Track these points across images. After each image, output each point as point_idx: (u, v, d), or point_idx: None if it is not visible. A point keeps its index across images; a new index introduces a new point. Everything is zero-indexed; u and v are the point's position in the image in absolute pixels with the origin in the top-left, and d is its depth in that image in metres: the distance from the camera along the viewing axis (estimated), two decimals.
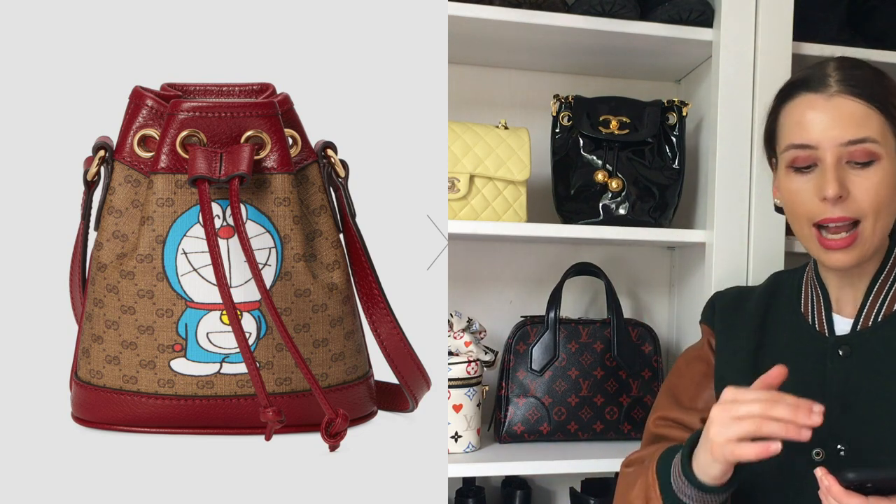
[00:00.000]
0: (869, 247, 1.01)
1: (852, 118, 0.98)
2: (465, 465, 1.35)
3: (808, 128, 1.00)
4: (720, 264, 1.42)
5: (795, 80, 1.05)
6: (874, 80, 1.01)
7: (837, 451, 1.00)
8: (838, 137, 0.98)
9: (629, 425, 1.47)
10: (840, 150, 0.99)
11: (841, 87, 0.99)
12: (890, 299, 1.04)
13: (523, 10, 1.39)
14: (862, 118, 0.98)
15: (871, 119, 0.99)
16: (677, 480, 0.97)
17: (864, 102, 0.99)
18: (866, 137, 0.98)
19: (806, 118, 1.01)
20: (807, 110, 1.01)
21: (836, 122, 0.99)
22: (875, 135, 0.98)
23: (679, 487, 0.97)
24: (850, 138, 0.98)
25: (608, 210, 1.46)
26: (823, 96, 1.00)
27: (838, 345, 1.04)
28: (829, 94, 1.00)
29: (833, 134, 0.99)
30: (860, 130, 0.98)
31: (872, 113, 0.99)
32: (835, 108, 0.99)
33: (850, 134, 0.98)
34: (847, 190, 0.99)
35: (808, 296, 1.10)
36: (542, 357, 1.46)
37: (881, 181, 0.99)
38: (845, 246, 1.00)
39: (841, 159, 0.99)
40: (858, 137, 0.98)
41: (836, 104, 0.99)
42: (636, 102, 1.50)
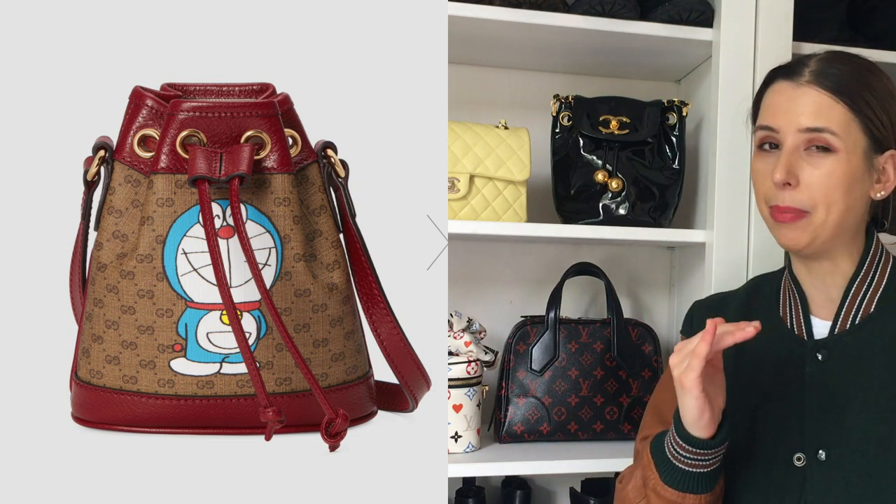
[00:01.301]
0: (821, 235, 1.02)
1: (814, 106, 1.01)
2: (465, 465, 1.35)
3: (774, 111, 1.04)
4: (720, 264, 1.42)
5: (779, 66, 1.07)
6: (851, 77, 1.02)
7: (818, 455, 1.01)
8: (797, 123, 1.01)
9: (629, 425, 1.47)
10: (797, 136, 1.01)
11: (811, 77, 1.02)
12: (868, 300, 1.04)
13: (523, 10, 1.39)
14: (824, 108, 1.00)
15: (834, 111, 1.00)
16: (671, 445, 0.99)
17: (829, 94, 1.01)
18: (824, 127, 1.00)
19: (774, 102, 1.04)
20: (777, 96, 1.04)
21: (798, 109, 1.01)
22: (834, 126, 1.00)
23: (673, 452, 0.99)
24: (807, 125, 1.00)
25: (608, 210, 1.46)
26: (794, 84, 1.03)
27: (816, 348, 1.04)
28: (799, 83, 1.02)
29: (793, 119, 1.01)
30: (818, 119, 1.00)
31: (837, 105, 1.00)
32: (800, 96, 1.02)
33: (809, 121, 1.00)
34: (796, 178, 1.01)
35: (785, 298, 1.10)
36: (542, 357, 1.46)
37: (832, 173, 1.00)
38: (790, 220, 1.01)
39: (798, 147, 1.01)
40: (816, 126, 1.00)
41: (802, 92, 1.02)
42: (636, 102, 1.50)
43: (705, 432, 0.96)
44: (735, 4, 1.42)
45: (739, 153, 1.42)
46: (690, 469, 0.98)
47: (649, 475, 1.02)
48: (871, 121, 1.01)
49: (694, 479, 0.98)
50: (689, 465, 0.98)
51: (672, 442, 0.99)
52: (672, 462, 0.99)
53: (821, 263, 1.05)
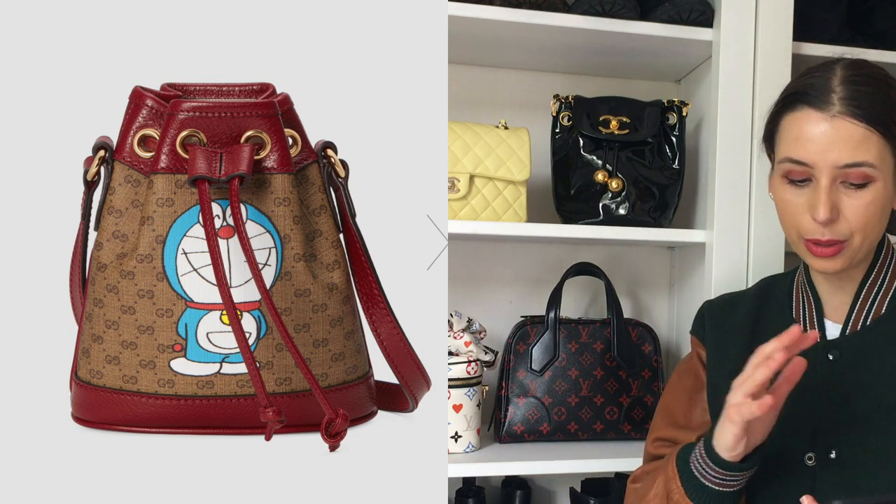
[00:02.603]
0: (856, 257, 1.01)
1: (851, 141, 0.97)
2: (465, 465, 1.35)
3: (807, 146, 0.99)
4: (720, 264, 1.42)
5: (799, 88, 1.02)
6: (878, 98, 0.98)
7: (829, 455, 1.01)
8: (835, 160, 0.97)
9: (629, 425, 1.47)
10: (836, 171, 0.98)
11: (843, 106, 0.97)
12: (878, 302, 1.04)
13: (523, 10, 1.39)
14: (860, 141, 0.97)
15: (870, 142, 0.97)
16: (699, 463, 0.98)
17: (864, 126, 0.97)
18: (863, 162, 0.97)
19: (805, 135, 0.99)
20: (806, 127, 0.99)
21: (834, 145, 0.97)
22: (872, 159, 0.97)
23: (700, 470, 0.98)
24: (846, 162, 0.97)
25: (608, 210, 1.46)
26: (825, 115, 0.98)
27: (828, 349, 1.04)
28: (831, 115, 0.98)
29: (830, 156, 0.97)
30: (857, 154, 0.97)
31: (872, 135, 0.97)
32: (834, 131, 0.97)
33: (847, 157, 0.97)
34: (838, 211, 0.98)
35: (798, 300, 1.10)
36: (542, 357, 1.46)
37: (872, 202, 0.98)
38: (831, 255, 1.00)
39: (836, 180, 0.98)
40: (855, 161, 0.97)
41: (836, 126, 0.97)
42: (636, 102, 1.50)
43: (735, 458, 0.96)
44: (735, 4, 1.42)
45: (739, 153, 1.42)
46: (718, 488, 0.98)
47: (673, 488, 1.01)
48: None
49: (720, 498, 0.99)
50: (716, 484, 0.98)
51: (700, 460, 0.99)
52: (699, 479, 0.99)
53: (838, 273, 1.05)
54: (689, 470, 1.00)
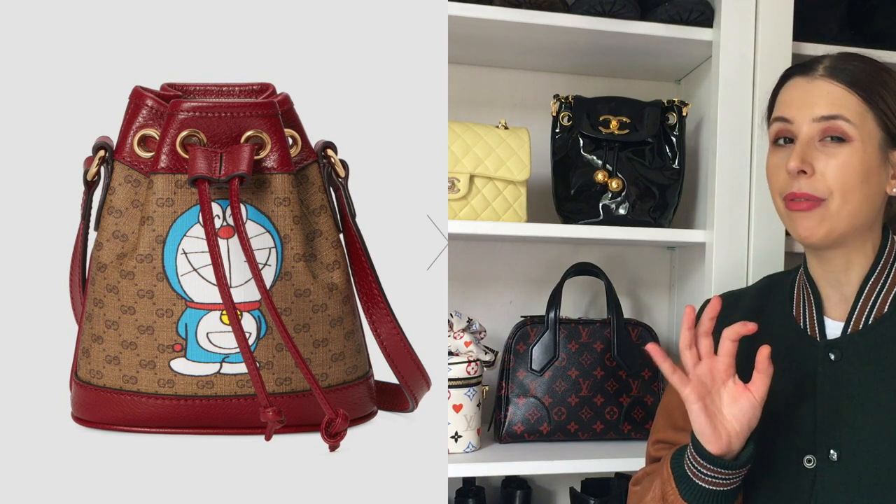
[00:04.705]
0: (837, 226, 1.01)
1: (828, 96, 1.02)
2: (465, 465, 1.35)
3: (788, 103, 1.05)
4: (720, 264, 1.42)
5: (794, 65, 1.09)
6: (865, 73, 1.03)
7: (829, 456, 1.00)
8: (811, 113, 1.02)
9: (629, 425, 1.47)
10: (812, 125, 1.01)
11: (825, 71, 1.03)
12: (881, 301, 1.04)
13: (523, 10, 1.39)
14: (838, 97, 1.01)
15: (848, 100, 1.01)
16: (691, 462, 0.99)
17: (843, 86, 1.02)
18: (838, 115, 1.01)
19: (789, 97, 1.05)
20: (791, 90, 1.05)
21: (812, 100, 1.02)
22: (848, 115, 1.01)
23: (692, 469, 0.98)
24: (822, 114, 1.01)
25: (608, 210, 1.46)
26: (808, 78, 1.04)
27: (829, 349, 1.04)
28: (814, 77, 1.04)
29: (807, 109, 1.02)
30: (833, 108, 1.01)
31: (851, 96, 1.01)
32: (815, 89, 1.03)
33: (823, 110, 1.01)
34: (812, 167, 1.01)
35: (799, 298, 1.10)
36: (542, 357, 1.46)
37: (848, 162, 1.00)
38: (806, 209, 1.01)
39: (813, 137, 1.02)
40: (830, 114, 1.01)
41: (816, 84, 1.03)
42: (636, 102, 1.50)
43: (715, 448, 0.96)
44: (735, 4, 1.42)
45: (739, 153, 1.42)
46: (710, 487, 0.98)
47: (668, 490, 1.01)
48: (885, 115, 1.02)
49: (714, 497, 0.98)
50: (708, 482, 0.98)
51: (691, 458, 0.99)
52: (691, 479, 0.99)
53: (835, 260, 1.05)
54: (682, 471, 1.00)
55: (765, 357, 0.96)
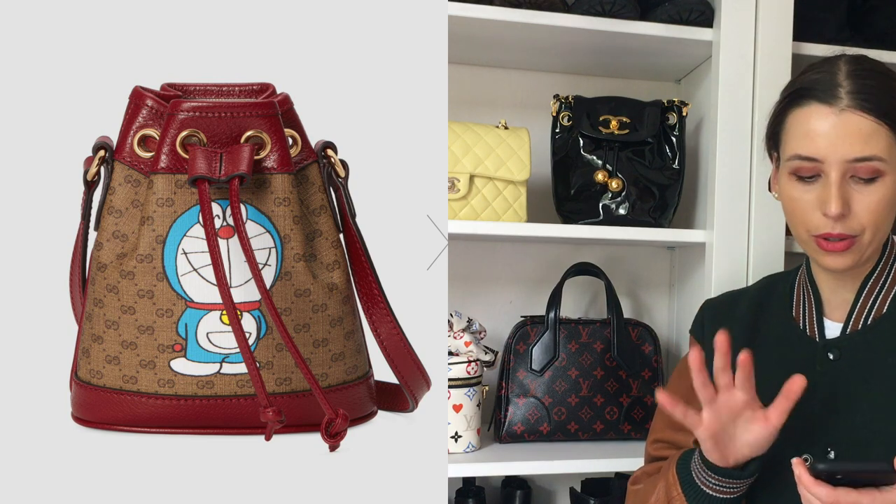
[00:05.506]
0: (865, 254, 1.01)
1: (860, 135, 0.97)
2: (465, 465, 1.35)
3: (815, 141, 0.98)
4: (720, 264, 1.42)
5: (805, 84, 1.02)
6: (885, 90, 0.99)
7: (827, 456, 1.00)
8: (845, 154, 0.97)
9: (629, 425, 1.47)
10: (846, 166, 0.97)
11: (851, 100, 0.97)
12: (881, 302, 1.04)
13: (523, 10, 1.39)
14: (870, 135, 0.97)
15: (879, 135, 0.97)
16: (698, 469, 0.99)
17: (872, 119, 0.97)
18: (873, 156, 0.97)
19: (813, 130, 0.99)
20: (814, 122, 0.99)
21: (843, 139, 0.97)
22: (881, 152, 0.97)
23: (700, 477, 0.99)
24: (856, 156, 0.97)
25: (608, 210, 1.46)
26: (833, 110, 0.98)
27: (828, 348, 1.04)
28: (840, 109, 0.98)
29: (840, 150, 0.97)
30: (867, 148, 0.97)
31: (881, 129, 0.97)
32: (843, 125, 0.97)
33: (857, 151, 0.97)
34: (849, 207, 0.98)
35: (799, 298, 1.10)
36: (542, 357, 1.46)
37: (883, 197, 0.98)
38: (842, 250, 0.99)
39: (846, 175, 0.98)
40: (865, 155, 0.97)
41: (844, 120, 0.97)
42: (636, 102, 1.50)
43: (720, 462, 0.96)
44: (735, 4, 1.42)
45: (739, 153, 1.42)
46: (717, 495, 0.98)
47: (674, 494, 1.02)
48: None
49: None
50: (716, 490, 0.98)
51: (698, 466, 0.99)
52: (698, 486, 0.99)
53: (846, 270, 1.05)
54: (689, 477, 1.00)
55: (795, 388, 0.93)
